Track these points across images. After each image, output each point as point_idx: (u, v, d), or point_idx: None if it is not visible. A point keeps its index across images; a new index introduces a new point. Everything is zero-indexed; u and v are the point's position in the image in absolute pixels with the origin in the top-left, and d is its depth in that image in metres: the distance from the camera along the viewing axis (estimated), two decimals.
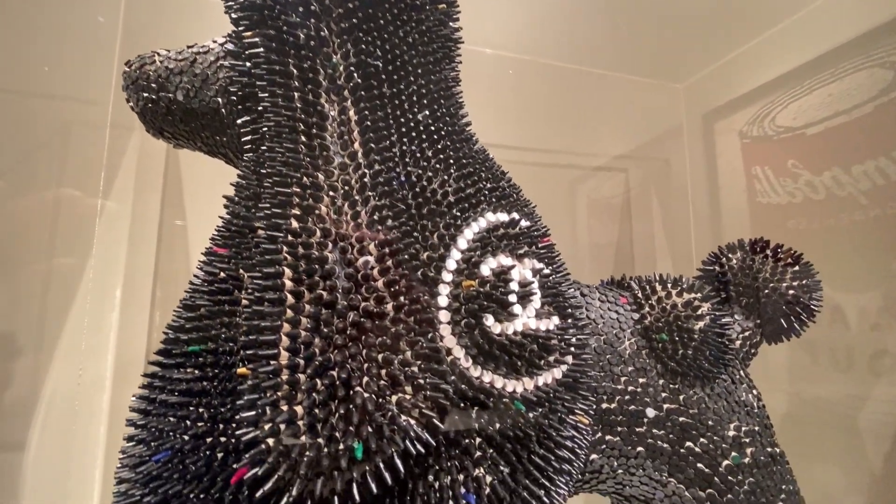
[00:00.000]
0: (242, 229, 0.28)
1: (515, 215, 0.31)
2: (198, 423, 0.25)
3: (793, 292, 0.41)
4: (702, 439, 0.34)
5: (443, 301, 0.27)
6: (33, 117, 0.56)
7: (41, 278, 0.57)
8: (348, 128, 0.27)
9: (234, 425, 0.24)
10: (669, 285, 0.38)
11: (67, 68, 0.56)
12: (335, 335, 0.23)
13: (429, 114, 0.30)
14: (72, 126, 0.58)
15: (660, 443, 0.34)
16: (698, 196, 0.86)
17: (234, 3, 0.28)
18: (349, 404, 0.22)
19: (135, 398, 0.27)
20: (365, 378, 0.23)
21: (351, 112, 0.27)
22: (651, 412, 0.34)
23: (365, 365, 0.23)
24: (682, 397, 0.34)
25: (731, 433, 0.34)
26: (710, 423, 0.34)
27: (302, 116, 0.26)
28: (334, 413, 0.22)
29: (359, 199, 0.25)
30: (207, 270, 0.28)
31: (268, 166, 0.26)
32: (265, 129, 0.27)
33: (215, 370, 0.25)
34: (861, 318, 0.70)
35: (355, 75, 0.27)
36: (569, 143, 0.81)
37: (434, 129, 0.30)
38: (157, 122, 0.36)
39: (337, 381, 0.22)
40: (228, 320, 0.26)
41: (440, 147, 0.30)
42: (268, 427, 0.21)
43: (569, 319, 0.31)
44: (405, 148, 0.28)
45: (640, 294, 0.38)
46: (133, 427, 0.26)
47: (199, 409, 0.25)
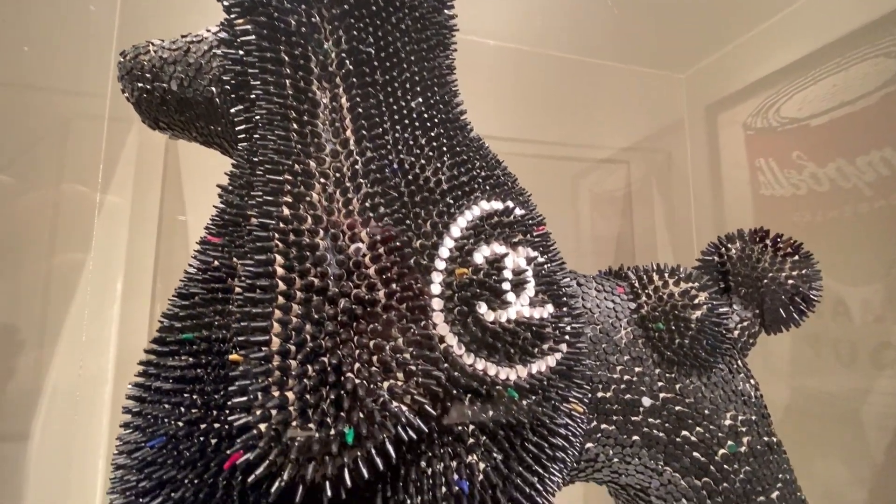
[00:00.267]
0: (236, 218, 0.28)
1: (510, 203, 0.31)
2: (191, 409, 0.25)
3: (792, 282, 0.41)
4: (698, 428, 0.34)
5: (436, 289, 0.27)
6: (32, 111, 0.56)
7: (42, 272, 0.58)
8: (340, 115, 0.27)
9: (227, 411, 0.24)
10: (667, 274, 0.37)
11: (65, 61, 0.56)
12: (326, 322, 0.23)
13: (422, 101, 0.30)
14: (71, 120, 0.58)
15: (655, 432, 0.34)
16: (701, 188, 0.86)
17: None
18: (340, 390, 0.22)
19: (131, 386, 0.27)
20: (356, 364, 0.23)
21: (343, 99, 0.27)
22: (647, 401, 0.34)
23: (356, 351, 0.23)
24: (678, 386, 0.34)
25: (728, 422, 0.34)
26: (707, 412, 0.34)
27: (293, 104, 0.26)
28: (325, 399, 0.22)
29: (350, 186, 0.25)
30: (201, 259, 0.28)
31: (260, 154, 0.26)
32: (258, 117, 0.27)
33: (209, 357, 0.26)
34: (864, 310, 0.70)
35: (347, 62, 0.27)
36: (570, 135, 0.80)
37: (427, 116, 0.30)
38: (153, 113, 0.36)
39: (328, 367, 0.22)
40: (222, 308, 0.26)
41: (434, 135, 0.29)
42: (259, 412, 0.21)
43: (563, 308, 0.31)
44: (398, 135, 0.28)
45: (636, 283, 0.38)
46: (129, 414, 0.27)
47: (193, 395, 0.25)
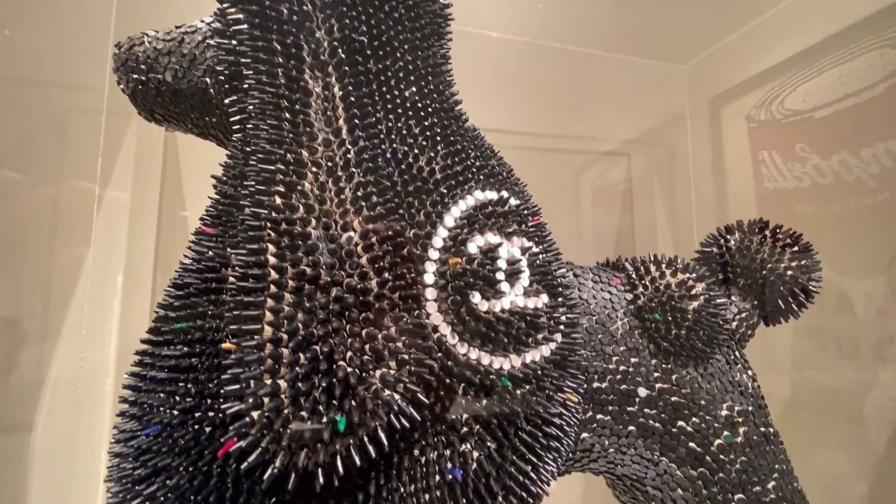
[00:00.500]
0: (229, 208, 0.28)
1: (504, 193, 0.30)
2: (186, 398, 0.25)
3: (791, 273, 0.41)
4: (694, 419, 0.34)
5: (429, 278, 0.27)
6: (30, 106, 0.57)
7: (43, 266, 0.58)
8: (333, 104, 0.27)
9: (220, 400, 0.24)
10: (664, 265, 0.37)
11: (62, 55, 0.56)
12: (318, 310, 0.23)
13: (416, 90, 0.29)
14: (69, 114, 0.58)
15: (651, 422, 0.34)
16: (702, 181, 0.85)
17: None
18: (332, 378, 0.22)
19: (127, 376, 0.28)
20: (348, 353, 0.23)
21: (335, 88, 0.27)
22: (643, 392, 0.34)
23: (348, 340, 0.23)
24: (674, 377, 0.34)
25: (724, 413, 0.34)
26: (703, 402, 0.34)
27: (286, 93, 0.26)
28: (317, 387, 0.22)
29: (343, 175, 0.25)
30: (196, 250, 0.28)
31: (253, 144, 0.26)
32: (250, 107, 0.27)
33: (203, 346, 0.26)
34: (867, 304, 0.69)
35: (339, 51, 0.27)
36: (570, 128, 0.80)
37: (421, 105, 0.29)
38: (148, 104, 0.36)
39: (320, 356, 0.22)
40: (216, 298, 0.26)
41: (427, 124, 0.29)
42: (251, 400, 0.21)
43: (559, 298, 0.31)
44: (391, 125, 0.28)
45: (633, 274, 0.37)
46: (125, 403, 0.27)
47: (188, 384, 0.25)
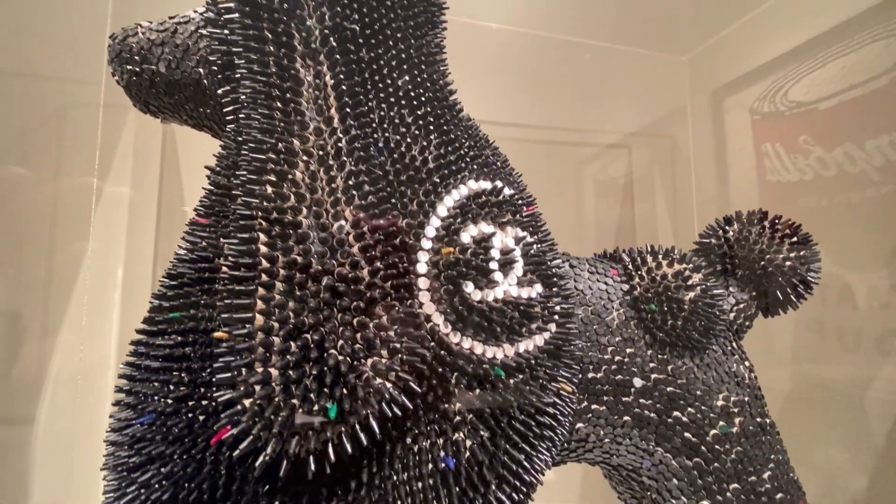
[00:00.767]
0: (222, 198, 0.28)
1: (498, 183, 0.30)
2: (179, 386, 0.25)
3: (790, 264, 0.40)
4: (689, 409, 0.34)
5: (422, 268, 0.27)
6: (29, 100, 0.57)
7: (44, 260, 0.58)
8: (324, 93, 0.26)
9: (213, 388, 0.24)
10: (660, 256, 0.37)
11: (59, 48, 0.56)
12: (309, 299, 0.23)
13: (409, 79, 0.29)
14: (67, 108, 0.58)
15: (647, 412, 0.33)
16: (704, 174, 0.84)
17: None
18: (322, 366, 0.22)
19: (123, 365, 0.28)
20: (339, 341, 0.23)
21: (327, 77, 0.27)
22: (638, 382, 0.33)
23: (339, 328, 0.23)
24: (670, 367, 0.34)
25: (720, 403, 0.34)
26: (699, 393, 0.34)
27: (276, 82, 0.26)
28: (308, 375, 0.22)
29: (334, 164, 0.25)
30: (189, 240, 0.28)
31: (244, 133, 0.26)
32: (242, 96, 0.27)
33: (196, 335, 0.26)
34: (870, 296, 0.69)
35: (331, 39, 0.27)
36: (570, 120, 0.79)
37: (414, 94, 0.29)
38: (143, 96, 0.36)
39: (310, 344, 0.22)
40: (208, 287, 0.26)
41: (421, 113, 0.29)
42: (243, 388, 0.21)
43: (553, 288, 0.30)
44: (383, 113, 0.28)
45: (630, 265, 0.37)
46: (121, 393, 0.27)
47: (181, 373, 0.25)
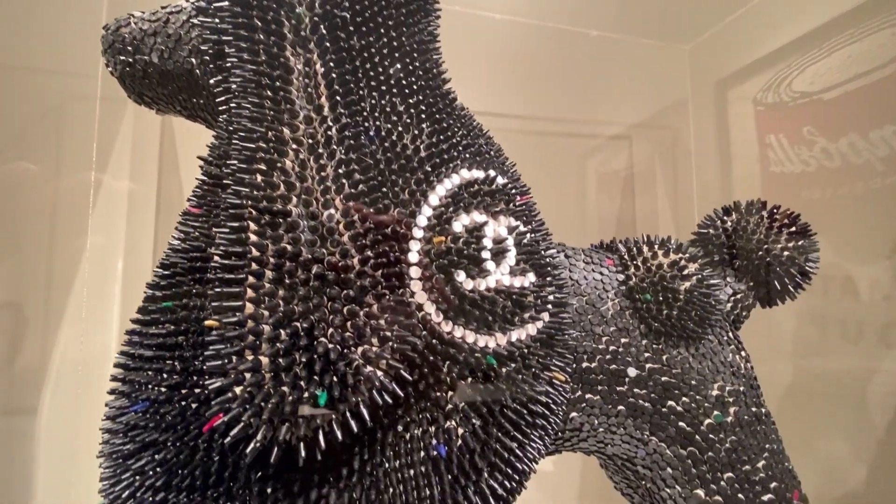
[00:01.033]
0: (214, 188, 0.28)
1: (491, 172, 0.30)
2: (172, 375, 0.25)
3: (788, 254, 0.40)
4: (684, 398, 0.33)
5: (413, 257, 0.27)
6: (27, 94, 0.57)
7: (45, 253, 0.59)
8: (314, 81, 0.26)
9: (205, 376, 0.24)
10: (656, 246, 0.37)
11: (55, 41, 0.56)
12: (299, 287, 0.23)
13: (401, 67, 0.29)
14: (66, 101, 0.58)
15: (641, 402, 0.33)
16: (706, 165, 0.84)
17: None
18: (312, 354, 0.22)
19: (118, 355, 0.28)
20: (329, 329, 0.23)
21: (317, 65, 0.27)
22: (632, 372, 0.33)
23: (329, 316, 0.23)
24: (664, 357, 0.34)
25: (715, 393, 0.34)
26: (693, 382, 0.34)
27: (266, 70, 0.26)
28: (298, 362, 0.22)
29: (324, 153, 0.25)
30: (182, 230, 0.28)
31: (235, 122, 0.26)
32: (234, 86, 0.27)
33: (188, 324, 0.26)
34: (873, 288, 0.68)
35: (321, 27, 0.27)
36: (570, 111, 0.78)
37: (406, 83, 0.29)
38: (137, 87, 0.36)
39: (300, 332, 0.22)
40: (200, 276, 0.27)
41: (413, 102, 0.29)
42: (233, 375, 0.22)
43: (547, 278, 0.30)
44: (375, 102, 0.28)
45: (626, 255, 0.37)
46: (116, 381, 0.27)
47: (174, 361, 0.26)
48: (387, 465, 0.25)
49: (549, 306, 0.30)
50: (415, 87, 0.29)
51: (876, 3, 0.66)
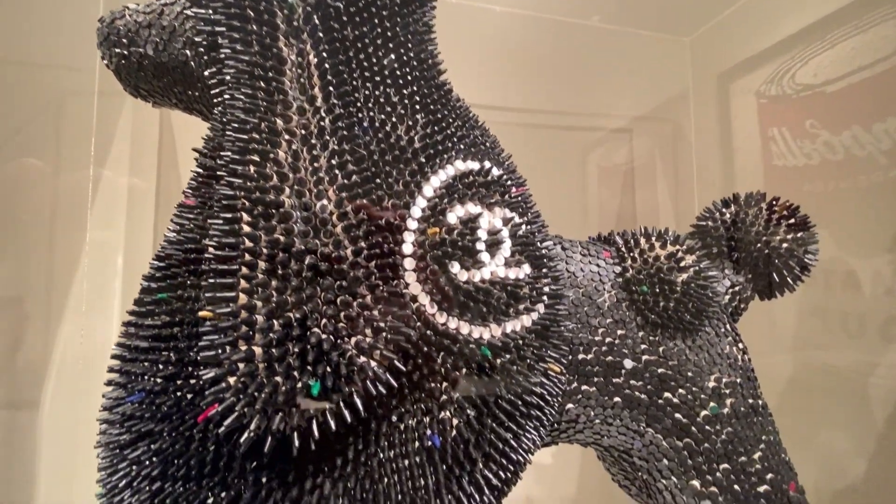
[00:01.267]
0: (209, 180, 0.28)
1: (487, 164, 0.30)
2: (168, 365, 0.25)
3: (786, 246, 0.40)
4: (680, 390, 0.33)
5: (407, 248, 0.27)
6: (25, 89, 0.57)
7: (45, 248, 0.59)
8: (307, 71, 0.26)
9: (200, 367, 0.24)
10: (654, 238, 0.37)
11: (52, 35, 0.56)
12: (291, 278, 0.23)
13: (395, 58, 0.29)
14: (65, 96, 0.59)
15: (637, 393, 0.33)
16: (707, 159, 0.83)
17: None
18: (305, 344, 0.22)
19: (114, 346, 0.28)
20: (322, 320, 0.23)
21: (310, 55, 0.26)
22: (629, 363, 0.33)
23: (322, 307, 0.23)
24: (661, 349, 0.34)
25: (711, 384, 0.34)
26: (690, 374, 0.34)
27: (259, 61, 0.26)
28: (291, 352, 0.22)
29: (317, 143, 0.25)
30: (177, 222, 0.29)
31: (229, 113, 0.26)
32: (227, 77, 0.27)
33: (182, 315, 0.26)
34: (875, 282, 0.68)
35: (314, 17, 0.27)
36: (569, 104, 0.78)
37: (400, 73, 0.29)
38: (132, 79, 0.36)
39: (293, 322, 0.22)
40: (195, 268, 0.27)
41: (407, 93, 0.29)
42: (227, 366, 0.22)
43: (542, 269, 0.30)
44: (368, 92, 0.27)
45: (623, 247, 0.37)
46: (113, 373, 0.27)
47: (169, 352, 0.26)
48: (381, 455, 0.25)
49: (545, 298, 0.30)
50: (409, 77, 0.29)
51: None
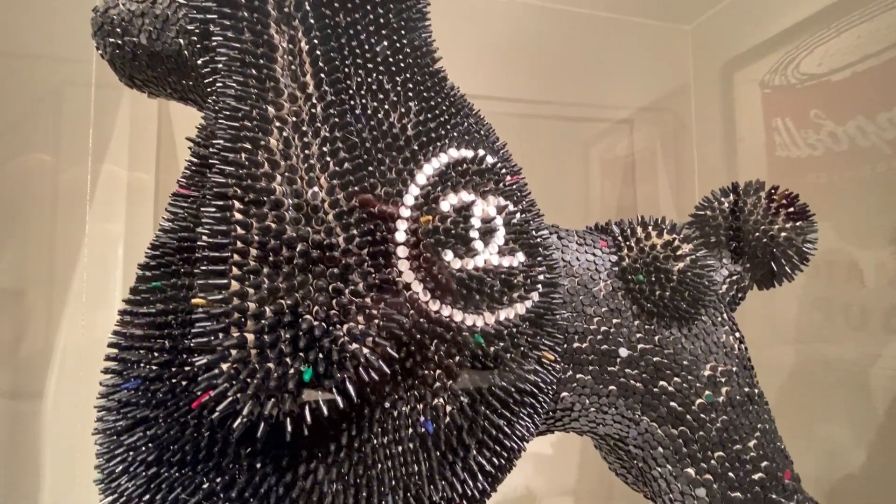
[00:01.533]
0: (202, 168, 0.28)
1: (481, 152, 0.30)
2: (162, 353, 0.26)
3: (785, 234, 0.40)
4: (675, 378, 0.33)
5: (400, 236, 0.27)
6: (23, 80, 0.57)
7: (46, 239, 0.59)
8: (299, 58, 0.26)
9: (194, 353, 0.24)
10: (650, 227, 0.37)
11: (50, 26, 0.56)
12: (283, 265, 0.23)
13: (388, 45, 0.29)
14: (64, 87, 0.59)
15: (632, 382, 0.33)
16: (709, 150, 0.82)
17: None
18: (296, 330, 0.22)
19: (111, 335, 0.28)
20: (314, 307, 0.23)
21: (302, 42, 0.26)
22: (624, 352, 0.33)
23: (314, 294, 0.23)
24: (657, 338, 0.34)
25: (707, 373, 0.34)
26: (685, 363, 0.34)
27: (251, 48, 0.25)
28: (283, 339, 0.22)
29: (309, 130, 0.25)
30: (171, 211, 0.29)
31: (220, 101, 0.26)
32: (220, 65, 0.26)
33: (176, 303, 0.26)
34: (879, 273, 0.67)
35: (305, 4, 0.26)
36: (570, 95, 0.77)
37: (393, 60, 0.29)
38: (127, 69, 0.35)
39: (285, 309, 0.22)
40: (188, 256, 0.27)
41: (400, 80, 0.29)
42: (219, 352, 0.22)
43: (537, 258, 0.30)
44: (360, 80, 0.27)
45: (619, 237, 0.37)
46: (110, 360, 0.28)
47: (164, 340, 0.26)
48: (375, 441, 0.25)
49: (539, 286, 0.30)
50: (402, 64, 0.29)
51: None
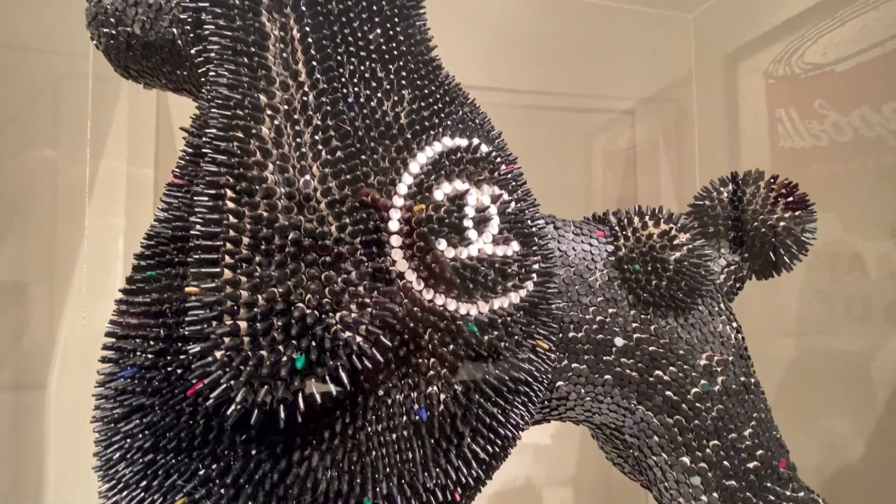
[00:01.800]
0: (196, 158, 0.28)
1: (475, 140, 0.30)
2: (157, 341, 0.26)
3: (784, 224, 0.39)
4: (671, 368, 0.33)
5: (394, 225, 0.26)
6: (20, 73, 0.57)
7: (47, 232, 0.60)
8: (291, 46, 0.26)
9: (188, 342, 0.25)
10: (647, 217, 0.36)
11: (48, 19, 0.56)
12: (275, 253, 0.23)
13: (381, 33, 0.28)
14: (62, 80, 0.59)
15: (628, 371, 0.33)
16: (711, 140, 0.82)
17: None
18: (289, 318, 0.22)
19: (108, 325, 0.29)
20: (307, 295, 0.23)
21: (294, 30, 0.26)
22: (620, 341, 0.33)
23: (306, 282, 0.23)
24: (653, 327, 0.34)
25: (703, 362, 0.34)
26: (681, 352, 0.34)
27: (242, 36, 0.25)
28: (275, 326, 0.22)
29: (301, 119, 0.25)
30: (165, 200, 0.29)
31: (213, 90, 0.26)
32: (212, 54, 0.26)
33: (171, 292, 0.26)
34: (881, 265, 0.67)
35: None
36: (569, 85, 0.77)
37: (387, 49, 0.28)
38: (122, 60, 0.35)
39: (277, 297, 0.22)
40: (182, 245, 0.27)
41: (393, 68, 0.28)
42: (212, 340, 0.22)
43: (532, 247, 0.30)
44: (353, 68, 0.27)
45: (616, 226, 0.37)
46: (107, 349, 0.28)
47: (159, 328, 0.26)
48: (369, 428, 0.26)
49: (534, 275, 0.30)
50: (395, 52, 0.29)
51: None
